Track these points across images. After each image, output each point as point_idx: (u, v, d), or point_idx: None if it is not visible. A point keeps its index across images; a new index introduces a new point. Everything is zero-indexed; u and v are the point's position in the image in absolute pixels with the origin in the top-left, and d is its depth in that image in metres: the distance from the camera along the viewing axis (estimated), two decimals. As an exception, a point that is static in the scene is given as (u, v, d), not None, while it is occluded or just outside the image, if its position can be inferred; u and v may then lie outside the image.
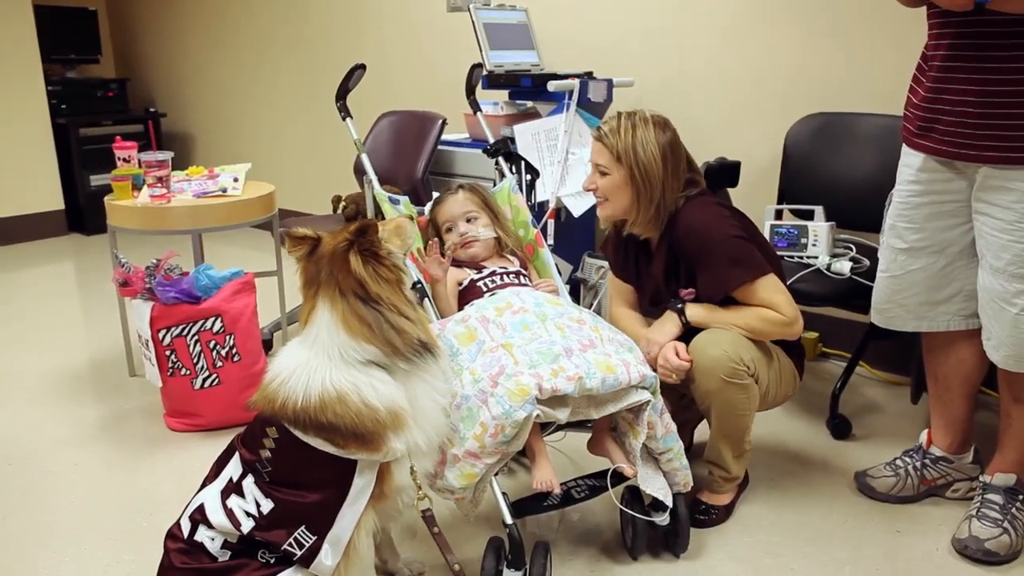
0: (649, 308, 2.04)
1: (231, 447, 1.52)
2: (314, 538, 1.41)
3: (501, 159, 2.38)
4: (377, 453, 1.41)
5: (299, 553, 1.41)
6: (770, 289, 1.82)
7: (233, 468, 1.48)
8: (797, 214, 2.67)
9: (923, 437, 2.11)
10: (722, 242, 1.82)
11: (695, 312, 1.87)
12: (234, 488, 1.45)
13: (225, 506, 1.44)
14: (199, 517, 1.46)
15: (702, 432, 2.45)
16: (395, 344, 1.41)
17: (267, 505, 1.42)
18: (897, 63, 2.69)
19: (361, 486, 1.42)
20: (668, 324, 1.88)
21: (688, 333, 1.88)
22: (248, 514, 1.42)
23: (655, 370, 1.81)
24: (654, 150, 1.83)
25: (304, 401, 1.38)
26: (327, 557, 1.42)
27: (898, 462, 2.11)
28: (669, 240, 1.90)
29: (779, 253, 2.50)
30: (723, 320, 1.84)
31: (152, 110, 5.73)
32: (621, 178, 1.87)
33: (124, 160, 2.90)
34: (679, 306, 1.88)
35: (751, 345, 1.82)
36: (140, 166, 2.82)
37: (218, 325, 2.42)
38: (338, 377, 1.39)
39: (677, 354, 1.82)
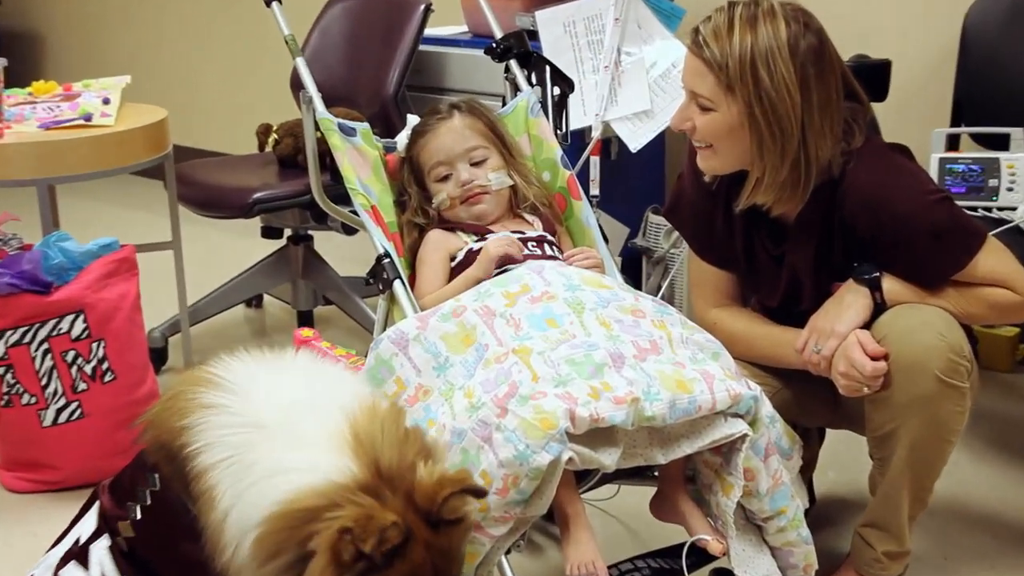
0: (771, 310, 2.01)
1: (93, 496, 1.56)
2: None
3: (514, 63, 2.36)
4: None
5: None
6: (993, 258, 1.82)
7: (86, 525, 1.51)
8: (982, 141, 2.64)
9: None
10: (921, 213, 1.80)
11: (895, 288, 1.84)
12: (77, 553, 1.48)
13: None
14: None
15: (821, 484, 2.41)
16: None
17: None
18: None
19: None
20: (851, 306, 1.84)
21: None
22: None
23: (829, 376, 1.81)
24: (786, 73, 1.74)
25: None
26: None
27: None
28: (825, 216, 1.86)
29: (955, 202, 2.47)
30: (935, 301, 1.82)
31: (-20, -1, 5.75)
32: (734, 116, 1.79)
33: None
34: (874, 275, 1.84)
35: (964, 333, 1.82)
36: (-44, 84, 2.82)
37: (80, 326, 2.42)
38: None
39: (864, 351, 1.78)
